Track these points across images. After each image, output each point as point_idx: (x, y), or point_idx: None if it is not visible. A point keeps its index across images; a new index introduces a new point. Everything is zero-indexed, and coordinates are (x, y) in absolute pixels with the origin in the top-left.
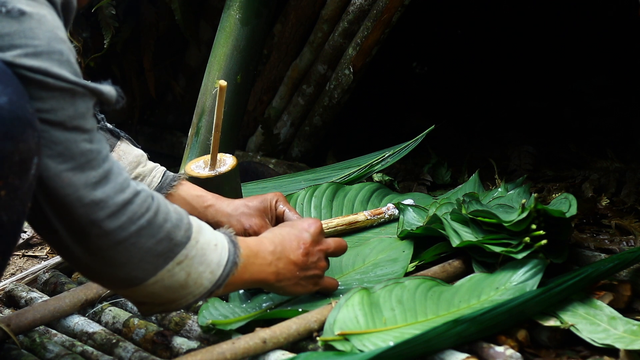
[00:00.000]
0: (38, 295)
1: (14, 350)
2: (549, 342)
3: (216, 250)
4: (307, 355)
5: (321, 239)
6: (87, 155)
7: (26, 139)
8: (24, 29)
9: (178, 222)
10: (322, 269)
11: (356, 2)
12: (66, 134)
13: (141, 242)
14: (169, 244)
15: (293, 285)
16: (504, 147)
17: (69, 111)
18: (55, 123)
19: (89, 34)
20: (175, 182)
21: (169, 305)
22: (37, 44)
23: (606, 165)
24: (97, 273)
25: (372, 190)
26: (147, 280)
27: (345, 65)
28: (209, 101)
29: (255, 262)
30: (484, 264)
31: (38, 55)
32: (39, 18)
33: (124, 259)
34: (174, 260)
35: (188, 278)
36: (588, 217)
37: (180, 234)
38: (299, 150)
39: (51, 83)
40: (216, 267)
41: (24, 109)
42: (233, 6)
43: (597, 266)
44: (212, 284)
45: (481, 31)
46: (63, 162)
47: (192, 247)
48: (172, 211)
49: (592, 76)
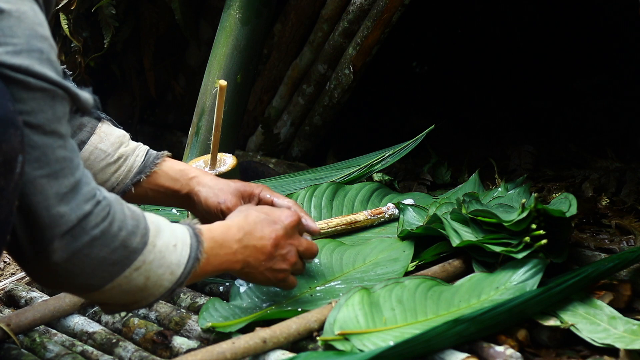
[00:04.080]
0: (38, 294)
1: (14, 350)
2: (549, 341)
3: (175, 250)
4: (307, 355)
5: (295, 233)
6: (61, 162)
7: (8, 138)
8: (2, 27)
9: (134, 228)
10: (290, 264)
11: (356, 2)
12: (44, 139)
13: (94, 253)
14: (125, 252)
15: (258, 274)
16: (504, 146)
17: (48, 114)
18: (34, 126)
19: (89, 34)
20: (158, 159)
21: (131, 306)
22: (15, 42)
23: (606, 165)
24: (53, 282)
25: (372, 190)
26: (104, 287)
27: (345, 65)
28: (209, 101)
29: (219, 252)
30: (484, 263)
31: (18, 54)
32: (18, 15)
33: (77, 269)
34: (131, 267)
35: (147, 282)
36: (588, 216)
37: (136, 240)
38: (299, 149)
39: (32, 83)
40: (176, 268)
41: (5, 108)
42: (233, 6)
43: (597, 266)
44: (173, 284)
45: (481, 31)
46: (39, 168)
47: (149, 252)
48: (128, 217)
49: (592, 76)
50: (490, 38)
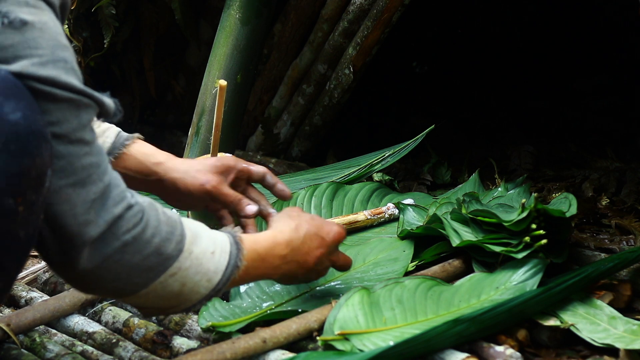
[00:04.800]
0: (38, 294)
1: (14, 350)
2: (549, 341)
3: (213, 258)
4: (307, 355)
5: (336, 249)
6: (88, 169)
7: (41, 153)
8: (27, 39)
9: (168, 235)
10: (322, 274)
11: (356, 2)
12: (69, 148)
13: (125, 259)
14: (159, 258)
15: (287, 279)
16: (504, 146)
17: (73, 123)
18: (59, 136)
19: (89, 34)
20: (128, 141)
21: (168, 310)
22: (41, 53)
23: (606, 164)
24: (88, 288)
25: (372, 189)
26: (138, 292)
27: (345, 65)
28: (209, 101)
29: (260, 266)
30: (484, 263)
31: (44, 65)
32: (41, 26)
33: (110, 275)
34: (166, 274)
35: (183, 288)
36: (588, 216)
37: (170, 247)
38: (299, 149)
39: (59, 94)
40: (213, 275)
41: (38, 123)
42: (233, 6)
43: (597, 266)
44: (210, 290)
45: (481, 31)
46: (64, 177)
47: (185, 259)
48: (163, 223)
49: (592, 76)
50: (490, 38)
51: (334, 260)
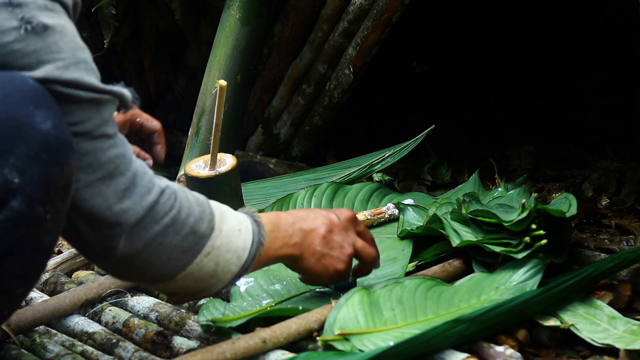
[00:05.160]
0: (38, 294)
1: (14, 350)
2: (549, 341)
3: (240, 235)
4: (307, 355)
5: (351, 228)
6: (114, 161)
7: (69, 162)
8: (48, 44)
9: (201, 214)
10: (347, 255)
11: (356, 2)
12: (93, 143)
13: (167, 241)
14: (195, 238)
15: (316, 262)
16: (504, 146)
17: (96, 120)
18: (82, 134)
19: (89, 34)
20: None
21: (199, 294)
22: (63, 57)
23: (606, 165)
24: (127, 274)
25: (372, 190)
26: (177, 275)
27: (345, 65)
28: (209, 101)
29: (278, 235)
30: (484, 263)
31: (67, 68)
32: (60, 29)
33: (152, 259)
34: (202, 253)
35: (217, 267)
36: (588, 216)
37: (204, 225)
38: (299, 149)
39: (82, 96)
40: (242, 252)
41: (66, 132)
42: (233, 6)
43: (597, 266)
44: (240, 268)
45: (481, 31)
46: (92, 172)
47: (217, 237)
48: (194, 203)
49: (592, 76)
50: (490, 38)
51: (352, 240)
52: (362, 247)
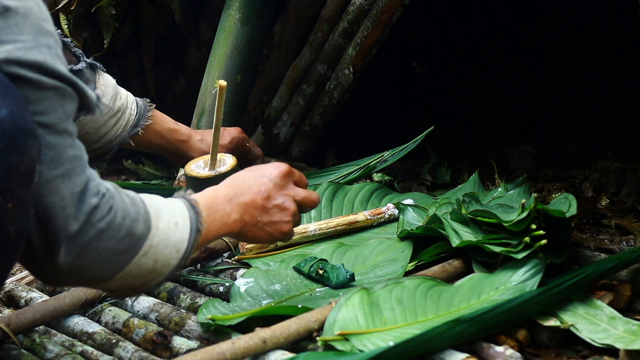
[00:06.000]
0: (38, 295)
1: (14, 350)
2: (549, 342)
3: (177, 229)
4: (307, 355)
5: (287, 184)
6: (72, 161)
7: (29, 149)
8: (9, 25)
9: (136, 215)
10: (290, 214)
11: (356, 2)
12: (57, 138)
13: (102, 246)
14: (131, 240)
15: (259, 231)
16: (504, 147)
17: (60, 113)
18: (47, 125)
19: (89, 34)
20: (148, 112)
21: (140, 288)
22: (24, 39)
23: (606, 165)
24: (63, 280)
25: (372, 190)
26: (115, 277)
27: (345, 65)
28: (209, 101)
29: (216, 217)
30: (484, 263)
31: (29, 50)
32: (24, 12)
33: (87, 264)
34: (139, 254)
35: (156, 264)
36: (588, 216)
37: (140, 226)
38: (299, 150)
39: (46, 82)
40: (181, 245)
41: (25, 119)
42: (233, 6)
43: (597, 266)
44: (180, 260)
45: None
46: (54, 168)
47: (154, 236)
48: (129, 205)
49: (592, 76)
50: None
51: (291, 195)
52: (303, 198)
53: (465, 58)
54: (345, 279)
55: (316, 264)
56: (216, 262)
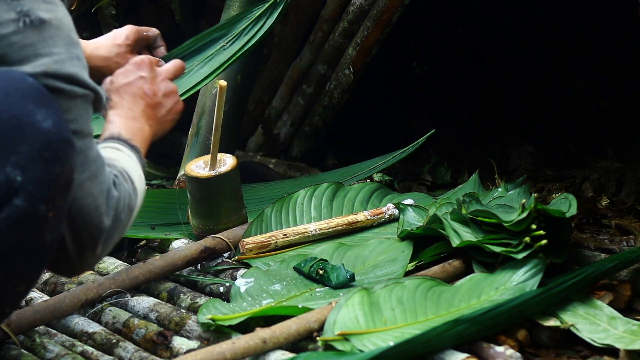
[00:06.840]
0: (38, 295)
1: (14, 350)
2: (549, 342)
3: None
4: (307, 355)
5: (154, 70)
6: (97, 161)
7: (70, 159)
8: (44, 38)
9: (131, 191)
10: (174, 92)
11: (356, 2)
12: (84, 142)
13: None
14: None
15: (164, 124)
16: (504, 147)
17: (85, 118)
18: (77, 132)
19: (89, 34)
20: None
21: None
22: (58, 51)
23: (606, 165)
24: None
25: (372, 190)
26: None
27: (345, 65)
28: (209, 101)
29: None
30: (484, 263)
31: (64, 63)
32: (57, 24)
33: (110, 247)
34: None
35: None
36: (588, 217)
37: (134, 201)
38: (299, 150)
39: (77, 91)
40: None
41: (66, 130)
42: (233, 6)
43: (597, 266)
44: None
45: (481, 31)
46: (83, 172)
47: (138, 199)
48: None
49: (592, 76)
50: (490, 38)
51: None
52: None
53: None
54: (345, 279)
55: (316, 264)
56: (216, 262)
